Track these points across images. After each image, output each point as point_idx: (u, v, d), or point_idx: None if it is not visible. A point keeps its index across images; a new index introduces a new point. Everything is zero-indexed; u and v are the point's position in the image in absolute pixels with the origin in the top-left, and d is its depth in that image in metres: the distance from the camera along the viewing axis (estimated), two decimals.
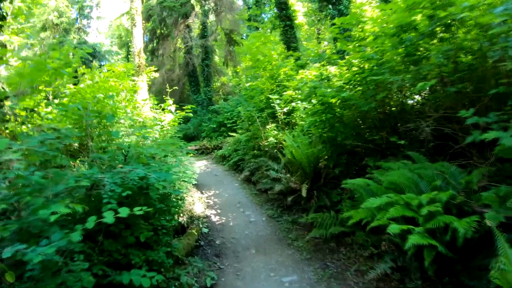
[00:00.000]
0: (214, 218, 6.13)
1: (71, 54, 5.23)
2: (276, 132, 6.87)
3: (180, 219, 5.41)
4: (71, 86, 6.19)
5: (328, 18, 13.87)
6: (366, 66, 4.23)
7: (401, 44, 3.74)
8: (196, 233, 5.17)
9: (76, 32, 22.98)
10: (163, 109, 7.46)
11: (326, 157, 5.38)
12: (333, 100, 4.43)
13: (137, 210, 2.22)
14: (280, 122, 7.26)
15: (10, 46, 5.67)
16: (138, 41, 10.79)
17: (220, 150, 10.97)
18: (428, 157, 3.83)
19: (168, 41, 16.76)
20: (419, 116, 4.10)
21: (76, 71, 6.78)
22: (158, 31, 20.01)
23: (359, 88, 4.33)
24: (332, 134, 4.87)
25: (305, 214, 5.75)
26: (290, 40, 15.61)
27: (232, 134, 11.68)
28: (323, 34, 21.45)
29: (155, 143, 5.48)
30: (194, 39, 17.92)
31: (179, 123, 7.76)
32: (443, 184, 3.15)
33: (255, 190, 7.49)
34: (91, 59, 19.20)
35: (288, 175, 6.21)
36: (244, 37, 22.17)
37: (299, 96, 7.41)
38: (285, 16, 15.48)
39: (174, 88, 17.90)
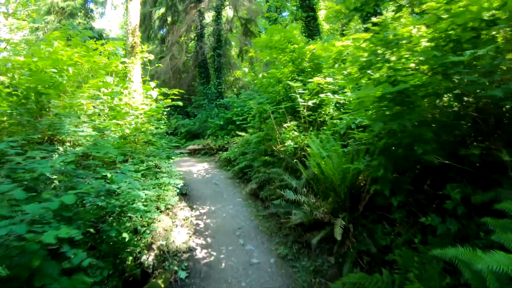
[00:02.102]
0: (200, 253, 4.22)
1: None
2: (296, 133, 4.89)
3: (144, 258, 3.52)
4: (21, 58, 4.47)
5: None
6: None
7: None
8: (162, 285, 3.28)
9: (83, 17, 21.76)
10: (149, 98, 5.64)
11: (374, 176, 3.37)
12: (414, 80, 2.40)
13: None
14: (302, 120, 5.27)
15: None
16: (134, 17, 9.07)
17: (225, 152, 9.09)
18: None
19: (176, 26, 15.07)
20: None
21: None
22: (169, 19, 18.37)
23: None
24: (396, 140, 2.86)
25: (335, 258, 3.81)
26: (313, 32, 13.73)
27: (240, 133, 9.78)
28: (348, 30, 19.30)
29: (114, 141, 3.61)
30: (206, 26, 16.17)
31: (169, 114, 5.97)
32: None
33: (263, 210, 5.53)
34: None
35: (312, 198, 4.24)
36: (262, 31, 20.41)
37: (330, 86, 5.42)
38: (307, 7, 13.68)
39: (180, 78, 16.19)
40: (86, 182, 2.47)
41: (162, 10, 18.64)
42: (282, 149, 5.03)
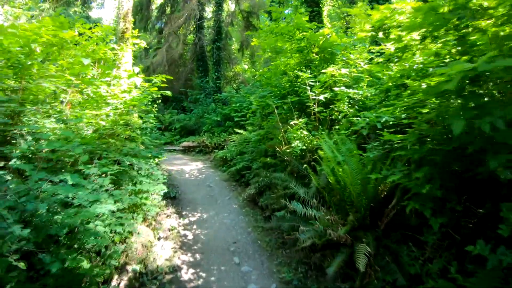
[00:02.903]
0: (187, 274, 3.47)
1: None
2: (305, 132, 4.13)
3: (113, 284, 2.77)
4: None
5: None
6: None
7: None
8: None
9: (80, 6, 20.90)
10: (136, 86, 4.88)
11: (416, 191, 2.61)
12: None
13: None
14: (312, 117, 4.52)
15: None
16: (126, 0, 8.25)
17: (222, 151, 8.33)
18: None
19: (175, 15, 14.24)
20: None
21: None
22: (168, 10, 17.53)
23: None
24: (450, 147, 2.11)
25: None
26: (317, 28, 13.04)
27: (239, 131, 9.02)
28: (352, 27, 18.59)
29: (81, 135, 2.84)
30: (206, 18, 15.36)
31: (164, 109, 5.19)
32: None
33: (262, 221, 4.79)
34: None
35: (324, 212, 3.50)
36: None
37: (344, 79, 4.67)
38: (312, 1, 12.94)
39: (178, 71, 15.40)
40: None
41: (161, 0, 17.83)
42: (287, 150, 4.28)
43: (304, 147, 4.00)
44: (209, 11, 17.83)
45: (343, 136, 4.09)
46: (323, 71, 4.62)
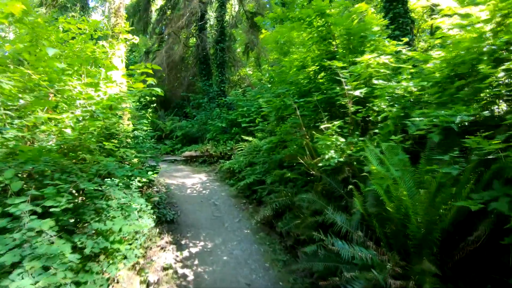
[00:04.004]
0: None
1: None
2: (342, 139, 3.09)
3: None
4: None
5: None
6: None
7: None
8: None
9: (79, 11, 20.30)
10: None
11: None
12: None
13: None
14: (347, 119, 3.47)
15: None
16: None
17: (228, 161, 7.32)
18: None
19: (175, 15, 13.41)
20: None
21: None
22: (169, 12, 16.75)
23: None
24: None
25: None
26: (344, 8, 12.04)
27: (247, 138, 8.03)
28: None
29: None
30: (209, 19, 14.54)
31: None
32: None
33: (282, 251, 3.76)
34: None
35: (373, 247, 2.46)
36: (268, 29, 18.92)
37: (383, 71, 3.68)
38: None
39: (179, 76, 14.50)
40: None
41: (161, 2, 17.08)
42: (318, 163, 3.24)
43: (340, 158, 2.97)
44: (211, 12, 17.04)
45: (392, 143, 3.07)
46: (357, 59, 3.62)
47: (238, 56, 18.37)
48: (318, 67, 4.68)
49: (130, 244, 2.59)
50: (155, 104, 6.25)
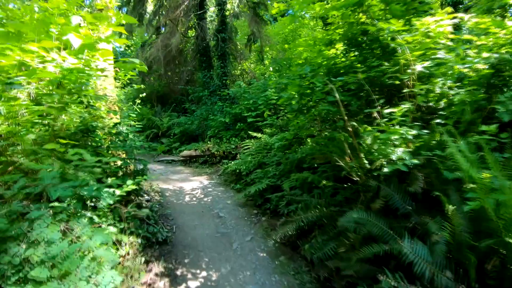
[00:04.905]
0: None
1: None
2: (413, 132, 2.06)
3: None
4: None
5: None
6: None
7: None
8: None
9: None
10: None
11: None
12: None
13: None
14: (408, 104, 2.44)
15: None
16: None
17: (233, 162, 6.31)
18: None
19: (171, 2, 12.37)
20: None
21: None
22: (166, 3, 15.68)
23: None
24: None
25: None
26: None
27: (255, 134, 7.03)
28: None
29: None
30: (209, 7, 13.48)
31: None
32: None
33: (314, 285, 2.75)
34: None
35: None
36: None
37: (443, 42, 2.67)
38: None
39: (178, 71, 13.45)
40: None
41: None
42: (373, 167, 2.22)
43: (416, 161, 1.94)
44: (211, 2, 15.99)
45: (480, 136, 2.07)
46: (416, 22, 2.59)
47: (240, 48, 17.33)
48: (348, 45, 3.67)
49: None
50: (144, 94, 5.22)
